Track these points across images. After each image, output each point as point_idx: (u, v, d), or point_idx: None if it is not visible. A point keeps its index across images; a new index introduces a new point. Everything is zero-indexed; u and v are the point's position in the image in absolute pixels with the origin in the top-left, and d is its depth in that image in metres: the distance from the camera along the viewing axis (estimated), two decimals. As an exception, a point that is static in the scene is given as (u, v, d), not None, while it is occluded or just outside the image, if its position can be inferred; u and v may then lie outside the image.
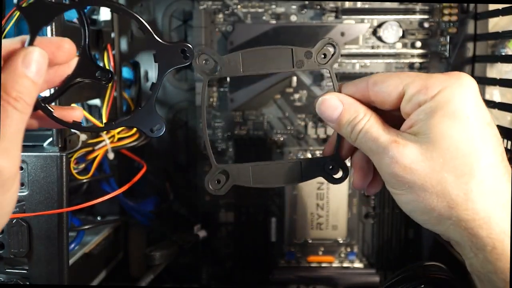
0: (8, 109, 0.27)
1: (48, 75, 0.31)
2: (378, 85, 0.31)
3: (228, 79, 0.58)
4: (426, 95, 0.29)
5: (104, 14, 0.54)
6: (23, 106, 0.27)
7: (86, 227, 0.52)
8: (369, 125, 0.31)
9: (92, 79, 0.33)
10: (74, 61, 0.33)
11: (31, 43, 0.30)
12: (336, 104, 0.33)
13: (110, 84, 0.54)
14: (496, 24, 0.56)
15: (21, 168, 0.41)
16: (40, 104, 0.31)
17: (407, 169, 0.29)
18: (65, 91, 0.33)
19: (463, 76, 0.30)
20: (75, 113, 0.34)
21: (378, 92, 0.32)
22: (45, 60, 0.29)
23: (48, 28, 0.41)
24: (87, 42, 0.33)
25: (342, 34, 0.57)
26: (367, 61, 0.59)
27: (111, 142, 0.51)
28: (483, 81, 0.56)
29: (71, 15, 0.54)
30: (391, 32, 0.58)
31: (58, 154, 0.42)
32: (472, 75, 0.57)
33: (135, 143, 0.54)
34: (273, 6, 0.58)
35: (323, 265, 0.61)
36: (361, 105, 0.32)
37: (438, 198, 0.28)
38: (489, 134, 0.29)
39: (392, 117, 0.33)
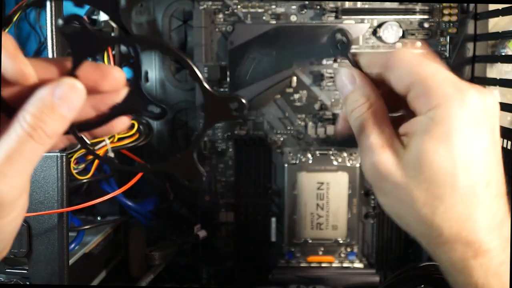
0: (22, 135, 0.25)
1: (92, 101, 0.28)
2: (389, 71, 0.30)
3: (228, 79, 0.58)
4: (424, 105, 0.28)
5: (104, 14, 0.54)
6: (40, 137, 0.25)
7: (86, 227, 0.52)
8: (367, 116, 0.31)
9: (142, 113, 0.30)
10: (124, 91, 0.30)
11: (73, 71, 0.27)
12: (349, 81, 0.32)
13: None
14: (496, 24, 0.56)
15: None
16: (74, 130, 0.28)
17: (385, 177, 0.29)
18: (109, 122, 0.30)
19: (471, 93, 0.27)
20: (120, 125, 0.31)
21: (389, 78, 0.31)
22: (81, 97, 0.26)
23: (49, 28, 0.41)
24: (140, 76, 0.31)
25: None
26: (367, 61, 0.59)
27: (111, 142, 0.51)
28: (483, 81, 0.56)
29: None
30: (391, 32, 0.58)
31: (58, 154, 0.42)
32: (472, 75, 0.57)
33: (135, 143, 0.54)
34: (273, 6, 0.58)
35: (323, 265, 0.61)
36: (370, 89, 0.32)
37: (407, 211, 0.29)
38: (480, 163, 0.27)
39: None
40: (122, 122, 0.30)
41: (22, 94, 0.26)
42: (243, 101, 0.29)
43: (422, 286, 0.34)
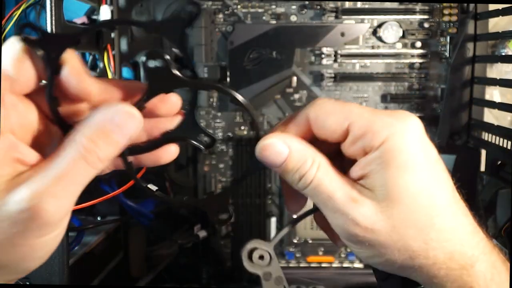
0: (76, 157, 0.24)
1: (146, 125, 0.28)
2: (320, 121, 0.28)
3: (228, 79, 0.58)
4: (372, 141, 0.27)
5: (104, 14, 0.54)
6: (93, 161, 0.24)
7: (86, 227, 0.52)
8: (320, 176, 0.27)
9: (193, 142, 0.30)
10: (178, 118, 0.29)
11: (143, 102, 0.27)
12: (281, 149, 0.28)
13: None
14: (496, 24, 0.56)
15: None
16: (124, 155, 0.28)
17: (368, 230, 0.27)
18: (159, 147, 0.30)
19: (407, 117, 0.27)
20: (169, 156, 0.30)
21: (320, 129, 0.28)
22: (137, 125, 0.26)
23: (49, 28, 0.41)
24: (195, 105, 0.31)
25: (342, 34, 0.57)
26: (367, 61, 0.59)
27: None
28: (483, 81, 0.56)
29: (71, 15, 0.54)
30: (391, 32, 0.58)
31: (58, 154, 0.42)
32: (472, 75, 0.57)
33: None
34: (273, 6, 0.58)
35: (323, 265, 0.61)
36: (310, 148, 0.28)
37: (399, 252, 0.27)
38: (441, 175, 0.28)
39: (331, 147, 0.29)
40: (171, 153, 0.30)
41: (79, 112, 0.26)
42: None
43: (422, 286, 0.33)
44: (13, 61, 0.25)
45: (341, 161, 0.29)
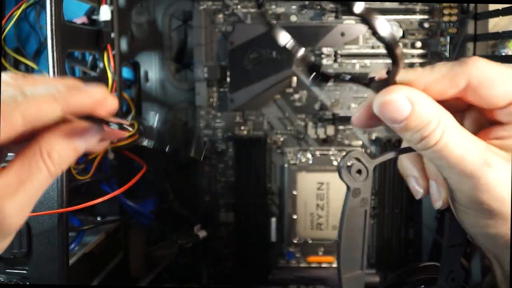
0: (41, 166, 0.25)
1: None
2: (484, 90, 0.25)
3: (228, 79, 0.58)
4: None
5: (104, 14, 0.54)
6: (56, 172, 0.26)
7: (86, 227, 0.52)
8: (448, 137, 0.24)
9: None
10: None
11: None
12: (402, 106, 0.24)
13: (110, 84, 0.54)
14: (496, 24, 0.56)
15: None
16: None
17: (499, 199, 0.24)
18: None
19: None
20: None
21: (483, 97, 0.25)
22: (97, 136, 0.27)
23: (48, 28, 0.41)
24: None
25: (342, 34, 0.57)
26: (367, 61, 0.59)
27: (111, 142, 0.51)
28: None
29: (71, 15, 0.54)
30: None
31: (58, 154, 0.42)
32: (472, 75, 0.57)
33: (135, 143, 0.54)
34: (273, 6, 0.58)
35: (323, 265, 0.61)
36: (436, 106, 0.25)
37: None
38: None
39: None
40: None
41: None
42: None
43: (422, 286, 0.33)
44: None
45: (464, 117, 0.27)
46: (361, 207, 0.29)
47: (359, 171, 0.28)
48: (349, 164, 0.28)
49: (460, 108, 0.27)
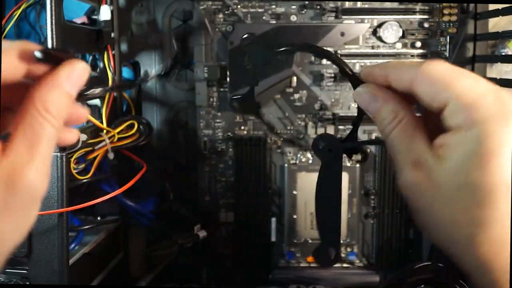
0: (43, 123, 0.26)
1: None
2: (419, 87, 0.28)
3: (228, 79, 0.58)
4: (465, 122, 0.26)
5: (104, 14, 0.54)
6: (55, 123, 0.26)
7: (86, 227, 0.52)
8: (395, 134, 0.29)
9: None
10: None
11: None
12: (372, 99, 0.31)
13: (110, 84, 0.54)
14: (496, 24, 0.56)
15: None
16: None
17: (417, 195, 0.28)
18: None
19: (510, 104, 0.26)
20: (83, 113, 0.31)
21: (419, 93, 0.28)
22: (85, 74, 0.28)
23: (48, 28, 0.41)
24: None
25: (342, 34, 0.57)
26: (367, 61, 0.59)
27: (111, 142, 0.51)
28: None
29: (71, 15, 0.54)
30: (391, 32, 0.58)
31: (58, 154, 0.42)
32: (472, 75, 0.57)
33: (135, 143, 0.54)
34: (273, 6, 0.58)
35: (323, 265, 0.61)
36: (395, 103, 0.30)
37: (446, 230, 0.27)
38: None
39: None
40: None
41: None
42: None
43: (422, 286, 0.33)
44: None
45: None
46: (334, 181, 0.34)
47: (330, 150, 0.33)
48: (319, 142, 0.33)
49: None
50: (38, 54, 0.26)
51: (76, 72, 0.27)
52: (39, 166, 0.25)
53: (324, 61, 0.59)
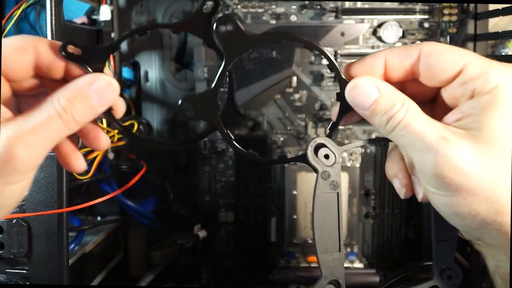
0: (53, 113, 0.26)
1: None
2: (434, 57, 0.27)
3: (228, 79, 0.58)
4: (485, 84, 0.26)
5: (104, 14, 0.54)
6: (68, 120, 0.27)
7: (86, 227, 0.52)
8: (410, 116, 0.27)
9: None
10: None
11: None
12: (370, 90, 0.28)
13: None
14: (496, 24, 0.56)
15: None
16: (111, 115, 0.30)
17: (459, 171, 0.26)
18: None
19: None
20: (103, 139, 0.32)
21: (432, 65, 0.27)
22: (114, 94, 0.28)
23: (48, 28, 0.41)
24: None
25: (342, 34, 0.57)
26: (367, 61, 0.59)
27: (111, 142, 0.51)
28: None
29: (71, 15, 0.54)
30: (391, 32, 0.58)
31: (58, 154, 0.42)
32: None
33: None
34: (273, 6, 0.58)
35: (323, 265, 0.61)
36: (399, 92, 0.28)
37: (486, 203, 0.26)
38: None
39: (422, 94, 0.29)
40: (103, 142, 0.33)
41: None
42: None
43: (422, 285, 0.33)
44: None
45: (432, 111, 0.29)
46: (332, 190, 0.30)
47: (326, 156, 0.30)
48: (313, 149, 0.30)
49: (428, 99, 0.30)
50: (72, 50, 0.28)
51: (106, 92, 0.28)
52: (32, 147, 0.26)
53: (324, 61, 0.59)
